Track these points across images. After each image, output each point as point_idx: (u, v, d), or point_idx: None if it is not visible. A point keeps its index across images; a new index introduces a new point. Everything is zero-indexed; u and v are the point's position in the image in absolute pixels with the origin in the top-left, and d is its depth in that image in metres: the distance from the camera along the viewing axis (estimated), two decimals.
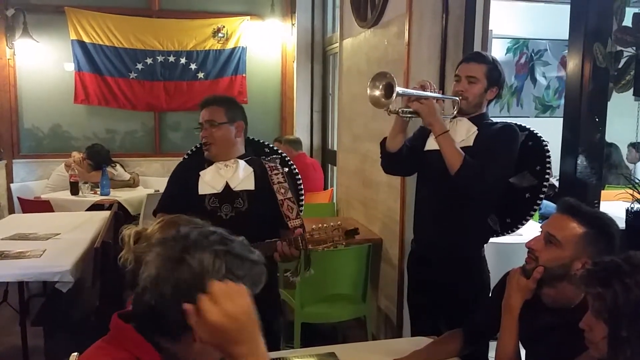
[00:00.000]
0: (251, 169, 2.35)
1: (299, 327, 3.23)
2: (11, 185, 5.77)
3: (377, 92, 2.23)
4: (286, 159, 2.59)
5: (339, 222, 2.15)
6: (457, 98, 2.37)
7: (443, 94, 2.54)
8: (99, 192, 5.07)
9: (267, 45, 6.45)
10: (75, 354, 1.64)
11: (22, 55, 5.94)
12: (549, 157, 2.41)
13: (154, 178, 5.97)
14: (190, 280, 1.06)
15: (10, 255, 3.08)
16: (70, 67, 6.00)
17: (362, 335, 3.50)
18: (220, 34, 6.23)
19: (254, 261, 1.15)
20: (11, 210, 5.53)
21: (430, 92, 2.29)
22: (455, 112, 2.39)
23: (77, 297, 3.34)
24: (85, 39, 5.98)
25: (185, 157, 2.63)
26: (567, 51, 2.22)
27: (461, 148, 2.26)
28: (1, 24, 5.81)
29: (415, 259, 2.59)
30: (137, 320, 1.12)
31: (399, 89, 2.16)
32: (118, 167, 5.57)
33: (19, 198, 5.08)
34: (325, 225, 2.13)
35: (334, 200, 4.97)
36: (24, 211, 4.79)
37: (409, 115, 2.31)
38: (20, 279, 2.98)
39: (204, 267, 1.07)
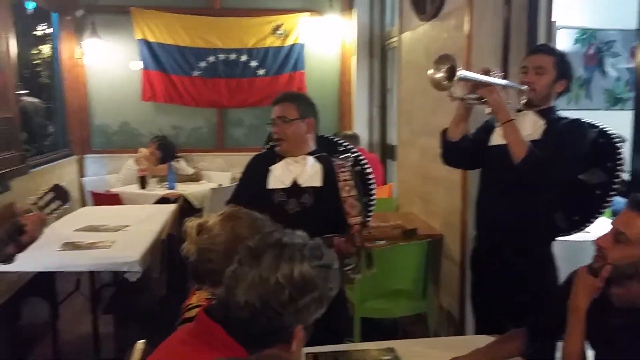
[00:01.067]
0: (319, 166, 2.37)
1: (359, 322, 3.24)
2: (84, 179, 6.05)
3: (439, 74, 2.18)
4: (359, 158, 2.58)
5: (398, 222, 2.14)
6: (525, 87, 2.30)
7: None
8: (165, 186, 5.25)
9: (325, 41, 6.47)
10: (142, 341, 1.71)
11: (91, 55, 6.20)
12: (621, 153, 2.31)
13: (217, 173, 6.12)
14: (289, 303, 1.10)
15: (82, 246, 3.22)
16: (136, 65, 6.21)
17: (423, 332, 3.47)
18: (279, 31, 6.30)
19: (337, 268, 1.20)
20: (83, 203, 5.79)
21: (496, 78, 2.24)
22: (523, 102, 2.32)
23: (144, 286, 3.48)
24: (150, 38, 6.18)
25: (262, 150, 2.63)
26: (637, 42, 2.12)
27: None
28: (71, 25, 6.09)
29: (478, 256, 2.55)
30: (227, 323, 1.13)
31: (461, 72, 2.12)
32: (181, 161, 5.75)
33: (90, 192, 5.32)
34: (384, 223, 2.13)
35: (394, 196, 4.94)
36: (95, 204, 5.01)
37: (473, 102, 2.27)
38: (91, 268, 3.12)
39: (311, 284, 1.12)
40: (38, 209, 1.84)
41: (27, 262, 2.90)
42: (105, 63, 6.24)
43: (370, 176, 2.57)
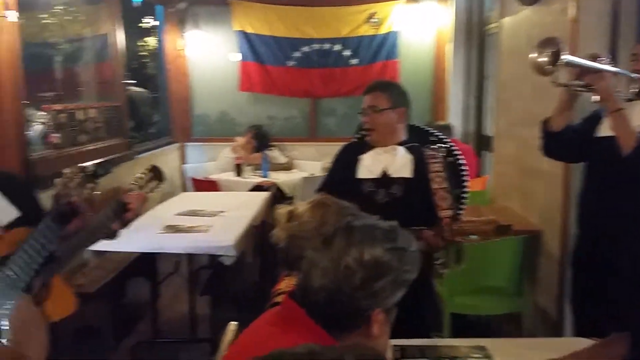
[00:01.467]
0: (410, 156, 2.33)
1: (449, 317, 3.18)
2: (185, 166, 6.35)
3: (542, 58, 2.07)
4: (452, 149, 2.49)
5: (492, 216, 2.06)
6: (636, 75, 2.14)
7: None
8: (259, 174, 5.40)
9: (420, 28, 6.34)
10: (234, 323, 1.77)
11: (192, 46, 6.45)
12: None
13: (308, 162, 6.20)
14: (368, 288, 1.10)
15: (182, 229, 3.38)
16: (234, 56, 6.40)
17: (516, 332, 3.34)
18: (373, 20, 6.25)
19: (414, 250, 1.17)
20: (184, 189, 6.09)
21: (604, 65, 2.09)
22: (634, 91, 2.15)
23: (239, 270, 3.60)
24: (248, 30, 6.35)
25: (353, 140, 2.61)
26: None
27: None
28: (175, 17, 6.38)
29: (580, 254, 2.40)
30: (309, 308, 1.14)
31: (567, 56, 1.99)
32: (275, 150, 5.88)
33: (191, 178, 5.59)
34: (476, 218, 2.06)
35: (488, 188, 4.77)
36: (195, 190, 5.26)
37: (579, 89, 2.13)
38: (189, 251, 3.27)
39: (385, 267, 1.10)
40: (139, 188, 1.96)
41: (132, 243, 3.11)
42: (206, 54, 6.47)
43: (463, 168, 2.48)
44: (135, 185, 1.98)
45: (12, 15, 3.36)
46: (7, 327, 1.39)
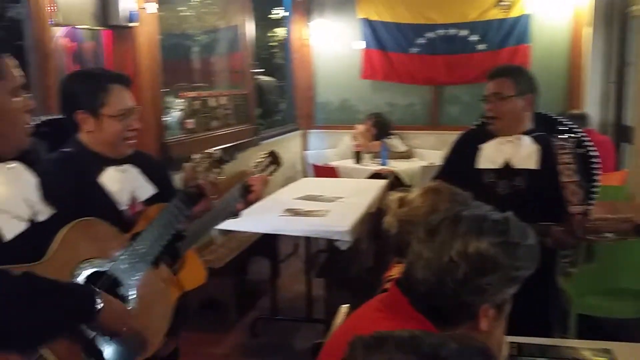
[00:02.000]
0: (536, 147, 2.20)
1: (576, 318, 2.98)
2: (306, 152, 6.52)
3: None
4: (583, 139, 2.30)
5: (630, 214, 1.89)
6: None
7: None
8: (378, 162, 5.40)
9: (554, 10, 5.93)
10: (346, 305, 1.80)
11: (317, 35, 6.57)
12: None
13: (428, 151, 6.09)
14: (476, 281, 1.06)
15: (301, 212, 3.49)
16: (356, 45, 6.42)
17: None
18: (503, 2, 5.95)
19: (530, 245, 1.10)
20: (305, 174, 6.26)
21: None
22: None
23: (354, 255, 3.65)
24: (372, 17, 6.33)
25: (473, 127, 2.49)
26: None
27: None
28: (302, 7, 6.53)
29: None
30: (413, 297, 1.13)
31: None
32: (394, 139, 5.85)
33: (312, 164, 5.73)
34: (612, 215, 1.90)
35: (628, 183, 4.39)
36: (315, 175, 5.39)
37: None
38: (306, 234, 3.38)
39: (490, 262, 1.05)
40: (259, 171, 2.05)
41: (255, 223, 3.27)
42: (330, 43, 6.56)
43: (594, 160, 2.29)
44: (256, 169, 2.07)
45: (152, 7, 3.64)
46: (134, 296, 1.48)
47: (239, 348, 3.50)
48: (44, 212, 1.36)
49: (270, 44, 11.80)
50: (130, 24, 3.42)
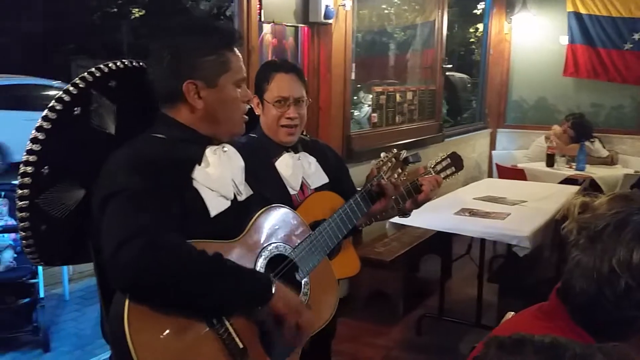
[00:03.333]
0: None
1: None
2: (493, 152, 6.25)
3: None
4: None
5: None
6: None
7: None
8: (574, 167, 4.97)
9: None
10: (512, 313, 1.72)
11: (518, 30, 6.23)
12: None
13: (636, 158, 5.44)
14: None
15: (478, 213, 3.38)
16: (564, 40, 5.96)
17: None
18: None
19: None
20: (490, 175, 6.02)
21: None
22: None
23: (533, 263, 3.43)
24: (582, 10, 5.81)
25: None
26: None
27: None
28: (504, 1, 6.24)
29: None
30: (573, 308, 1.06)
31: None
32: (596, 142, 5.32)
33: (496, 164, 5.48)
34: None
35: None
36: (500, 177, 5.14)
37: None
38: (481, 235, 3.25)
39: None
40: (435, 172, 2.02)
41: (429, 220, 3.24)
42: (532, 37, 6.17)
43: None
44: (432, 169, 2.04)
45: (348, 4, 3.79)
46: (308, 283, 1.54)
47: (402, 343, 3.51)
48: (245, 193, 1.49)
49: (471, 40, 11.51)
50: (327, 21, 3.61)
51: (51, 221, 1.34)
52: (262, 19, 3.25)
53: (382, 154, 1.87)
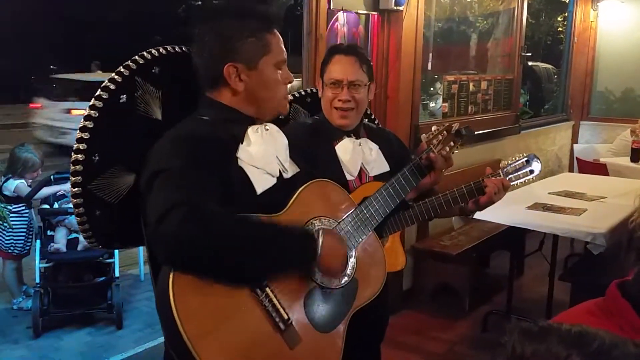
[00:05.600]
0: None
1: None
2: (575, 145, 5.94)
3: None
4: None
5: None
6: None
7: None
8: None
9: None
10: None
11: (605, 17, 5.89)
12: None
13: None
14: None
15: (553, 208, 3.25)
16: None
17: None
18: None
19: None
20: (569, 169, 5.73)
21: None
22: None
23: (609, 263, 3.23)
24: None
25: None
26: None
27: None
28: None
29: None
30: (636, 301, 1.01)
31: None
32: None
33: (577, 158, 5.21)
34: None
35: None
36: (580, 171, 4.89)
37: None
38: (553, 231, 3.12)
39: None
40: (504, 174, 1.85)
41: (498, 214, 3.12)
42: (619, 25, 5.83)
43: None
44: (502, 170, 1.85)
45: None
46: (354, 258, 1.51)
47: (466, 339, 3.42)
48: (290, 170, 1.50)
49: (559, 29, 10.95)
50: (398, 8, 3.54)
51: (105, 206, 1.39)
52: (332, 7, 3.23)
53: (434, 127, 1.80)
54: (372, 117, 2.14)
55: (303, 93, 2.01)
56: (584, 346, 0.67)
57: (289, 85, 1.53)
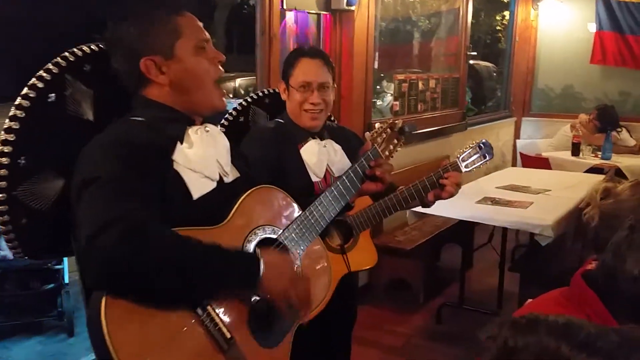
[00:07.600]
0: None
1: None
2: (517, 140, 6.16)
3: None
4: None
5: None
6: None
7: None
8: (599, 156, 4.88)
9: None
10: (531, 300, 1.69)
11: (545, 17, 6.11)
12: None
13: None
14: None
15: (501, 202, 3.35)
16: (592, 27, 5.82)
17: None
18: None
19: None
20: (513, 163, 5.94)
21: None
22: None
23: (556, 253, 3.38)
24: None
25: None
26: None
27: None
28: None
29: None
30: (606, 293, 1.06)
31: None
32: (624, 132, 5.20)
33: (520, 153, 5.41)
34: None
35: None
36: (523, 165, 5.08)
37: None
38: (502, 224, 3.23)
39: None
40: (461, 161, 1.85)
41: (449, 209, 3.21)
42: (559, 24, 6.06)
43: None
44: (458, 160, 1.85)
45: None
46: (299, 266, 1.44)
47: (422, 331, 3.50)
48: (231, 175, 1.41)
49: (497, 28, 11.30)
50: (350, 8, 3.58)
51: (32, 214, 1.28)
52: (284, 6, 3.24)
53: (377, 125, 1.79)
54: (331, 117, 2.17)
55: (261, 94, 2.02)
56: (572, 337, 0.69)
57: (230, 84, 1.47)
